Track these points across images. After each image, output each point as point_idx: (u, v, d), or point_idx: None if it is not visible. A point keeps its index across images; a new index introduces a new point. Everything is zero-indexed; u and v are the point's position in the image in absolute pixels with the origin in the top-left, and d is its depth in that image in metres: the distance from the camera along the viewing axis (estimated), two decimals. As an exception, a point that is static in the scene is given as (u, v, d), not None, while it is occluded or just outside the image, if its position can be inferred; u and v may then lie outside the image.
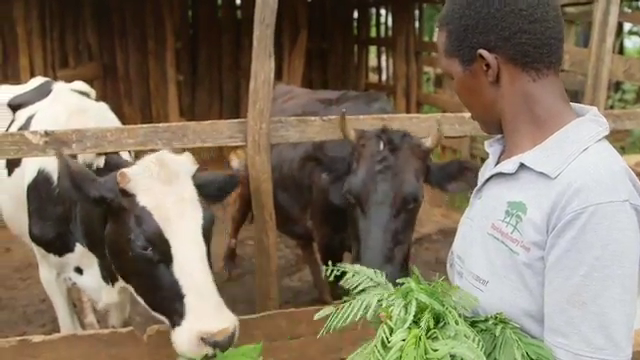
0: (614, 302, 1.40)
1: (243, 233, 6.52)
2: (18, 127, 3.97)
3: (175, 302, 2.66)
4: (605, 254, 1.40)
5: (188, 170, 2.91)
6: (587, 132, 1.53)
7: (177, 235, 2.69)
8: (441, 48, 1.69)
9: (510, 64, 1.57)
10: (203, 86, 10.22)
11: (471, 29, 1.58)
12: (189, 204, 2.79)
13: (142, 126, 3.43)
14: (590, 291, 1.41)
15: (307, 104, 4.84)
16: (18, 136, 3.26)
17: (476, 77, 1.61)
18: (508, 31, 1.54)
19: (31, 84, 4.66)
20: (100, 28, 9.43)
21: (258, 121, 3.48)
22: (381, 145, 3.31)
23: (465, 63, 1.61)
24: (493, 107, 1.63)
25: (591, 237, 1.40)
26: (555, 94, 1.59)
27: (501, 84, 1.59)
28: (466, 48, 1.60)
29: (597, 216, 1.40)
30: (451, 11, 1.63)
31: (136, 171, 2.82)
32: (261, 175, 3.59)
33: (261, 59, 3.46)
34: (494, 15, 1.55)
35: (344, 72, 11.19)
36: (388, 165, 3.25)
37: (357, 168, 3.33)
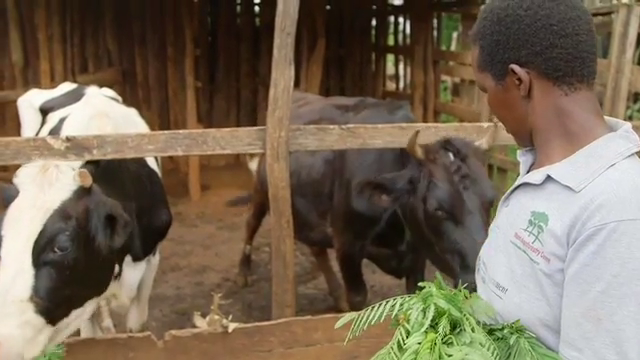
0: (630, 320, 1.39)
1: (258, 239, 6.55)
2: (50, 128, 4.04)
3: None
4: (623, 271, 1.39)
5: (65, 183, 2.84)
6: (616, 148, 1.53)
7: (6, 240, 2.65)
8: (474, 63, 1.72)
9: (542, 78, 1.57)
10: (221, 93, 10.27)
11: (502, 45, 1.60)
12: (37, 213, 2.71)
13: (163, 132, 3.47)
14: (606, 307, 1.41)
15: (323, 110, 4.86)
16: (40, 141, 3.31)
17: (508, 91, 1.63)
18: (539, 46, 1.55)
19: (61, 89, 4.75)
20: (120, 34, 9.50)
21: (277, 129, 3.50)
22: (451, 156, 3.39)
23: (497, 78, 1.63)
24: (525, 120, 1.64)
25: (610, 253, 1.40)
26: (588, 108, 1.58)
27: (533, 98, 1.60)
28: (498, 63, 1.62)
29: (617, 233, 1.40)
30: (482, 27, 1.65)
31: (27, 171, 2.86)
32: (279, 182, 3.61)
33: (281, 67, 3.48)
34: (525, 30, 1.56)
35: (361, 80, 11.20)
36: (465, 174, 3.33)
37: (437, 183, 3.36)
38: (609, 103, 4.28)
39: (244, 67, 10.34)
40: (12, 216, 2.69)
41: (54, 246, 2.67)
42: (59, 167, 2.88)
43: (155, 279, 5.02)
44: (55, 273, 2.66)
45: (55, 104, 4.36)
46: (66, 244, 2.68)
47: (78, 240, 2.73)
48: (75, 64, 9.29)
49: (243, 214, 7.00)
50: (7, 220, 2.69)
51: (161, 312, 5.50)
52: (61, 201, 2.77)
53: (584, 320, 1.44)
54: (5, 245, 2.64)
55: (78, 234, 2.74)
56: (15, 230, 2.66)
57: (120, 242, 2.90)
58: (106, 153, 3.32)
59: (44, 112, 4.40)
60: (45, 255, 2.66)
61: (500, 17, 1.60)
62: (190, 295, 5.85)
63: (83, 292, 2.88)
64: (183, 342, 3.41)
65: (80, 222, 2.77)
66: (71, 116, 3.94)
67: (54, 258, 2.66)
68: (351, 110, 4.63)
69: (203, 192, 8.88)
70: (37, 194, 2.74)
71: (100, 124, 3.51)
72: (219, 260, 6.77)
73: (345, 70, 11.07)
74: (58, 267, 2.67)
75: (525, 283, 1.57)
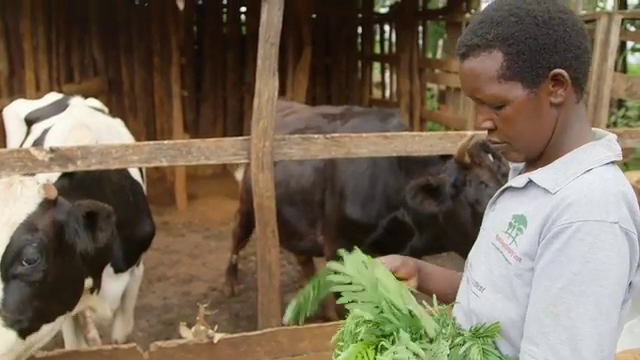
0: (586, 319, 1.42)
1: (245, 248, 6.54)
2: (34, 140, 4.02)
3: None
4: (584, 270, 1.42)
5: (30, 197, 2.81)
6: (595, 155, 1.55)
7: None
8: (489, 74, 1.58)
9: (572, 84, 1.55)
10: (207, 102, 10.26)
11: (549, 48, 1.53)
12: (2, 228, 2.69)
13: (147, 143, 3.46)
14: (564, 304, 1.44)
15: (310, 119, 4.86)
16: (23, 152, 3.29)
17: (539, 100, 1.56)
18: (578, 50, 1.54)
19: (47, 99, 4.73)
20: (106, 43, 9.49)
21: (262, 139, 3.50)
22: (490, 157, 3.51)
23: (531, 85, 1.55)
24: (548, 130, 1.59)
25: (573, 252, 1.43)
26: (584, 116, 1.62)
27: (563, 105, 1.57)
28: (539, 69, 1.54)
29: (582, 232, 1.43)
30: (517, 31, 1.54)
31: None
32: (264, 192, 3.61)
33: (265, 77, 3.49)
34: (570, 34, 1.53)
35: (348, 88, 11.23)
36: (504, 172, 3.42)
37: (488, 183, 3.48)
38: (591, 110, 4.32)
39: (230, 76, 10.35)
40: None
41: (22, 259, 2.64)
42: (23, 182, 2.84)
43: (141, 289, 5.00)
44: (24, 286, 2.64)
45: (40, 115, 4.34)
46: (34, 256, 2.66)
47: (46, 252, 2.71)
48: (61, 73, 9.28)
49: (230, 223, 6.98)
50: None
51: (148, 322, 5.47)
52: (27, 214, 2.73)
53: (544, 315, 1.46)
54: None
55: (46, 246, 2.71)
56: None
57: (105, 237, 2.88)
58: (90, 164, 3.31)
59: (29, 122, 4.38)
60: (13, 269, 2.63)
61: (545, 20, 1.53)
62: (177, 305, 5.82)
63: (53, 306, 2.85)
64: (169, 353, 3.40)
65: (47, 234, 2.74)
66: (53, 127, 3.93)
67: (22, 271, 2.64)
68: (338, 119, 4.63)
69: (190, 201, 8.86)
70: (2, 210, 2.71)
71: (79, 135, 3.50)
72: (206, 269, 6.75)
73: (331, 78, 11.10)
74: (27, 280, 2.65)
75: (500, 284, 1.59)
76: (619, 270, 1.44)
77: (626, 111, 12.23)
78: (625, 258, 1.45)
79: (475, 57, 1.58)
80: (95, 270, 3.24)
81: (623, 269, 1.45)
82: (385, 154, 3.70)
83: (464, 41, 1.61)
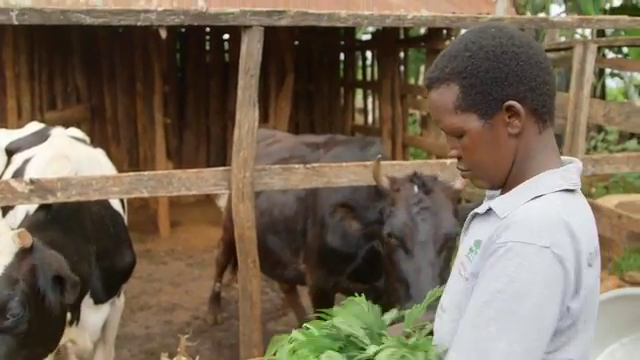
0: (502, 335, 1.46)
1: (228, 276, 6.50)
2: (14, 170, 4.01)
3: None
4: (507, 289, 1.47)
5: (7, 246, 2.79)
6: (549, 182, 1.59)
7: None
8: (446, 105, 1.64)
9: (530, 115, 1.60)
10: (190, 129, 10.28)
11: (500, 81, 1.58)
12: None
13: (128, 174, 3.47)
14: (485, 317, 1.48)
15: (294, 148, 4.89)
16: (3, 184, 3.29)
17: (495, 130, 1.61)
18: (534, 82, 1.58)
19: (28, 129, 4.71)
20: (88, 71, 9.50)
21: (242, 169, 3.52)
22: (415, 188, 3.42)
23: (486, 117, 1.60)
24: (507, 160, 1.64)
25: (500, 270, 1.48)
26: (549, 146, 1.65)
27: (521, 136, 1.61)
28: (492, 101, 1.59)
29: (512, 252, 1.47)
30: (470, 65, 1.60)
31: None
32: (245, 223, 3.62)
33: (245, 108, 3.52)
34: (523, 67, 1.58)
35: (330, 114, 11.28)
36: (425, 206, 3.35)
37: (396, 211, 3.40)
38: (569, 138, 4.37)
39: (213, 103, 10.39)
40: None
41: (6, 314, 2.63)
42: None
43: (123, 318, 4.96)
44: (10, 339, 2.64)
45: (20, 145, 4.32)
46: (17, 310, 2.65)
47: (29, 302, 2.70)
48: (43, 101, 9.27)
49: (213, 251, 6.96)
50: None
51: (129, 352, 5.42)
52: (4, 267, 2.71)
53: (467, 325, 1.52)
54: None
55: (28, 296, 2.71)
56: None
57: (72, 299, 2.87)
58: (70, 195, 3.31)
59: (9, 153, 4.36)
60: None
61: (496, 54, 1.58)
62: (159, 334, 5.78)
63: (39, 349, 2.86)
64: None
65: (28, 282, 2.73)
66: (33, 158, 3.92)
67: (8, 325, 2.63)
68: (321, 147, 4.66)
69: (172, 229, 8.84)
70: None
71: (59, 167, 3.49)
72: (189, 298, 6.71)
73: (314, 105, 11.15)
74: (13, 332, 2.65)
75: (458, 306, 1.64)
76: (544, 294, 1.47)
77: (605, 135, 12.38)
78: (553, 283, 1.48)
79: (436, 89, 1.66)
80: (74, 305, 3.23)
81: (550, 293, 1.48)
82: (365, 183, 3.72)
83: (427, 74, 1.70)
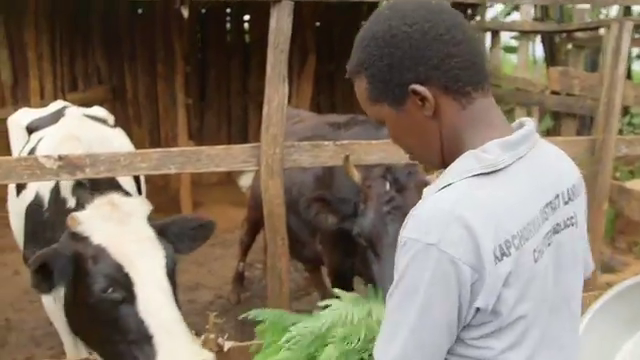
0: (397, 330, 1.47)
1: (251, 256, 6.51)
2: (29, 149, 4.01)
3: (143, 347, 2.51)
4: (399, 284, 1.47)
5: (142, 211, 2.86)
6: (460, 168, 1.51)
7: (139, 271, 2.59)
8: (363, 97, 1.62)
9: (442, 93, 1.52)
10: (212, 110, 10.25)
11: (396, 67, 1.52)
12: (147, 242, 2.72)
13: (156, 150, 3.43)
14: (388, 309, 1.52)
15: (316, 127, 4.85)
16: (32, 160, 3.26)
17: (411, 115, 1.55)
18: (435, 59, 1.49)
19: (50, 108, 4.71)
20: (109, 52, 9.47)
21: (272, 146, 3.47)
22: (387, 185, 3.31)
23: (397, 104, 1.55)
24: (434, 142, 1.58)
25: (398, 264, 1.48)
26: (481, 120, 1.56)
27: (439, 116, 1.54)
28: (395, 88, 1.53)
29: (405, 248, 1.46)
30: (367, 55, 1.56)
31: (87, 214, 2.78)
32: (274, 200, 3.58)
33: (274, 84, 3.47)
34: (417, 46, 1.49)
35: (352, 95, 11.09)
36: (396, 205, 3.24)
37: (365, 210, 3.31)
38: (602, 118, 4.27)
39: (234, 84, 10.33)
40: (123, 251, 2.64)
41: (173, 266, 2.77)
42: (118, 200, 2.87)
43: (148, 297, 4.96)
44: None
45: (40, 124, 4.33)
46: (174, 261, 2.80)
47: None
48: (65, 82, 9.26)
49: (235, 231, 6.95)
50: (122, 254, 2.63)
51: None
52: (149, 228, 2.81)
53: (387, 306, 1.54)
54: (144, 276, 2.61)
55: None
56: (145, 261, 2.64)
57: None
58: (99, 172, 3.28)
59: (30, 131, 4.37)
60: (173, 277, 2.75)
61: (386, 39, 1.52)
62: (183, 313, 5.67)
63: None
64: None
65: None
66: (45, 138, 3.91)
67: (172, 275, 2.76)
68: (342, 127, 4.62)
69: (195, 209, 8.83)
70: (126, 227, 2.72)
71: (69, 147, 3.46)
72: (212, 277, 6.72)
73: (335, 86, 11.07)
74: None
75: None
76: (430, 292, 1.42)
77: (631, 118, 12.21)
78: (441, 281, 1.42)
79: (354, 81, 1.64)
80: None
81: (438, 292, 1.43)
82: (394, 161, 3.66)
83: (347, 66, 1.66)
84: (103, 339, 2.66)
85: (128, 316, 2.54)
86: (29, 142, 4.23)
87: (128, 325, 2.54)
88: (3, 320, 5.58)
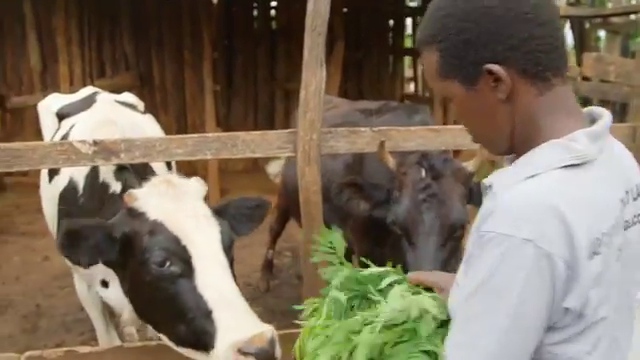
0: (485, 332, 1.36)
1: (280, 244, 6.47)
2: (61, 136, 3.99)
3: (202, 322, 2.46)
4: (487, 284, 1.36)
5: (198, 191, 2.83)
6: (547, 158, 1.42)
7: (195, 245, 2.56)
8: (431, 70, 1.53)
9: (520, 76, 1.43)
10: (238, 97, 10.24)
11: (473, 43, 1.43)
12: (203, 219, 2.69)
13: (191, 136, 3.39)
14: (471, 309, 1.40)
15: (347, 114, 4.79)
16: (67, 145, 3.23)
17: (482, 96, 1.47)
18: (516, 39, 1.40)
19: (80, 94, 4.68)
20: (137, 38, 9.48)
21: (309, 132, 3.41)
22: (423, 172, 3.24)
23: (468, 83, 1.47)
24: (504, 127, 1.49)
25: (482, 262, 1.38)
26: (559, 107, 1.47)
27: (514, 100, 1.45)
28: (469, 65, 1.44)
29: (492, 244, 1.35)
30: (442, 27, 1.46)
31: (144, 191, 2.76)
32: (311, 186, 3.52)
33: (312, 68, 3.39)
34: (498, 23, 1.40)
35: (379, 82, 11.13)
36: (432, 193, 3.17)
37: (400, 198, 3.24)
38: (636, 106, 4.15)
39: (261, 71, 10.32)
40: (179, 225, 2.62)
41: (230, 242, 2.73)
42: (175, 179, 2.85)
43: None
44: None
45: (70, 110, 4.30)
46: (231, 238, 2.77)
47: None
48: (93, 68, 9.29)
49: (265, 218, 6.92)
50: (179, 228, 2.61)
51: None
52: (205, 207, 2.79)
53: (460, 311, 1.44)
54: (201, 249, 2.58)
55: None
56: (201, 235, 2.62)
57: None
58: (134, 157, 3.24)
59: (60, 117, 4.34)
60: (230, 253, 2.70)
61: (466, 12, 1.43)
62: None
63: None
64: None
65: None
66: (78, 124, 3.88)
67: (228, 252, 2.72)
68: (374, 114, 4.55)
69: (222, 196, 8.81)
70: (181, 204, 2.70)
71: (106, 132, 3.43)
72: (240, 265, 6.64)
73: (363, 73, 11.01)
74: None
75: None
76: (526, 291, 1.33)
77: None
78: (538, 280, 1.33)
79: (422, 53, 1.54)
80: None
81: (533, 291, 1.33)
82: (433, 147, 3.58)
83: (417, 36, 1.56)
84: (166, 319, 2.62)
85: (187, 291, 2.50)
86: (60, 129, 4.20)
87: (187, 300, 2.50)
88: (34, 306, 5.60)
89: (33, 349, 3.35)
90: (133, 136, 3.49)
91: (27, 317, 5.39)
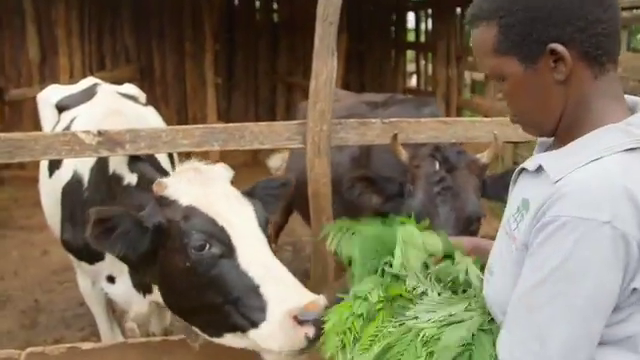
0: (559, 318, 1.33)
1: (282, 238, 6.39)
2: (62, 129, 3.89)
3: (250, 298, 2.34)
4: (562, 268, 1.32)
5: (225, 175, 2.78)
6: (609, 142, 1.40)
7: (232, 225, 2.48)
8: (485, 47, 1.50)
9: (581, 59, 1.42)
10: (239, 90, 10.18)
11: (541, 21, 1.41)
12: (235, 200, 2.63)
13: (198, 126, 3.30)
14: (538, 298, 1.36)
15: (352, 106, 4.70)
16: (70, 136, 3.14)
17: (540, 76, 1.45)
18: (585, 21, 1.39)
19: (80, 85, 4.58)
20: (137, 30, 9.41)
21: (319, 123, 3.32)
22: (437, 165, 3.17)
23: (527, 60, 1.45)
24: (555, 109, 1.48)
25: (553, 247, 1.34)
26: (610, 93, 1.46)
27: (570, 82, 1.44)
28: (533, 43, 1.43)
29: (567, 228, 1.32)
30: (508, 3, 1.45)
31: (172, 179, 2.70)
32: (320, 179, 3.43)
33: (323, 57, 3.30)
34: (569, 4, 1.39)
35: (381, 76, 11.08)
36: (447, 186, 3.11)
37: (414, 191, 3.17)
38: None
39: (262, 64, 10.26)
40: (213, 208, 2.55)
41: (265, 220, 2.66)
42: (201, 166, 2.80)
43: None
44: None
45: (70, 102, 4.19)
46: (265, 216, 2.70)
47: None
48: (93, 60, 9.20)
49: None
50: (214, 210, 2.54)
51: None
52: (235, 190, 2.73)
53: (520, 305, 1.40)
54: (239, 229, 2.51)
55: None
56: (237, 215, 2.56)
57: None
58: (139, 148, 3.16)
59: (60, 109, 4.24)
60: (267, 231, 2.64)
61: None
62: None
63: None
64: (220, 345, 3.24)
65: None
66: (80, 116, 3.79)
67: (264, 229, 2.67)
68: (380, 107, 4.48)
69: (222, 190, 8.75)
70: (211, 189, 2.64)
71: (113, 123, 3.33)
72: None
73: (365, 66, 10.94)
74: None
75: (508, 269, 1.52)
76: (603, 273, 1.30)
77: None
78: (614, 261, 1.31)
79: (476, 28, 1.51)
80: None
81: (610, 273, 1.31)
82: (444, 140, 3.50)
83: (469, 11, 1.54)
84: (207, 307, 2.51)
85: (230, 271, 2.41)
86: (60, 121, 4.10)
87: (231, 280, 2.40)
88: (32, 301, 5.52)
89: (32, 345, 3.27)
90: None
91: (26, 312, 5.31)
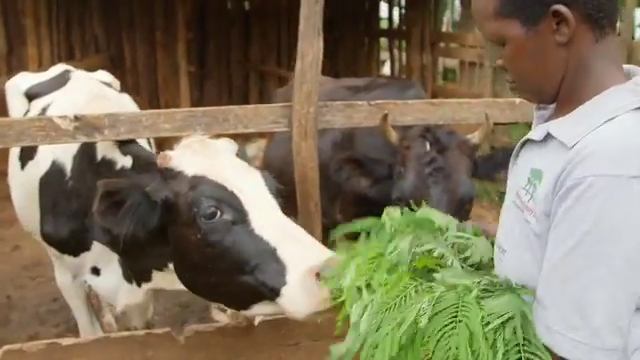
0: (597, 284, 1.29)
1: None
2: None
3: (268, 262, 2.25)
4: (596, 230, 1.28)
5: (230, 149, 2.71)
6: (618, 102, 1.39)
7: (242, 190, 2.39)
8: (487, 10, 1.49)
9: (583, 22, 1.41)
10: (212, 79, 10.09)
11: None
12: (243, 168, 2.55)
13: (180, 110, 3.21)
14: (573, 266, 1.32)
15: (333, 91, 4.62)
16: (46, 121, 3.01)
17: (541, 38, 1.44)
18: None
19: (50, 72, 4.41)
20: (107, 19, 9.25)
21: (305, 105, 3.23)
22: (427, 146, 3.14)
23: (530, 23, 1.43)
24: (556, 72, 1.47)
25: (584, 209, 1.30)
26: (610, 57, 1.46)
27: (572, 45, 1.43)
28: (535, 5, 1.41)
29: (595, 188, 1.28)
30: None
31: (176, 152, 2.62)
32: (308, 163, 3.33)
33: (309, 37, 3.22)
34: None
35: (354, 63, 11.03)
36: (438, 167, 3.08)
37: (405, 173, 3.13)
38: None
39: (235, 53, 10.17)
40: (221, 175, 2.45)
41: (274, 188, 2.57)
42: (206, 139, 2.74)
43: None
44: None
45: (41, 89, 4.03)
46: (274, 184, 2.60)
47: None
48: (62, 50, 9.02)
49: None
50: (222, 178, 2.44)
51: (163, 306, 5.22)
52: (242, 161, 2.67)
53: (553, 277, 1.36)
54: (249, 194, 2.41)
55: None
56: (246, 181, 2.46)
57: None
58: (119, 133, 3.03)
59: (30, 97, 4.08)
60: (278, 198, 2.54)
61: None
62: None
63: None
64: (205, 337, 3.15)
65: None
66: (56, 103, 3.64)
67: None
68: (362, 90, 4.43)
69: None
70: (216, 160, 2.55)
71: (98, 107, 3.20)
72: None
73: (338, 54, 10.90)
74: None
75: (521, 244, 1.49)
76: (638, 229, 1.27)
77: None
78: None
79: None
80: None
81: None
82: (432, 122, 3.44)
83: None
84: (226, 280, 2.40)
85: (244, 236, 2.32)
86: (30, 110, 3.95)
87: (247, 246, 2.31)
88: (4, 297, 5.35)
89: (6, 343, 3.12)
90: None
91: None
